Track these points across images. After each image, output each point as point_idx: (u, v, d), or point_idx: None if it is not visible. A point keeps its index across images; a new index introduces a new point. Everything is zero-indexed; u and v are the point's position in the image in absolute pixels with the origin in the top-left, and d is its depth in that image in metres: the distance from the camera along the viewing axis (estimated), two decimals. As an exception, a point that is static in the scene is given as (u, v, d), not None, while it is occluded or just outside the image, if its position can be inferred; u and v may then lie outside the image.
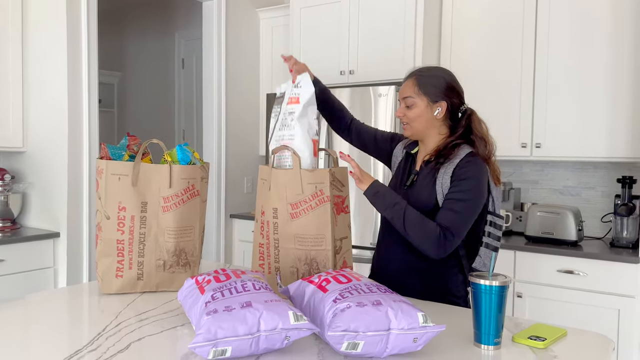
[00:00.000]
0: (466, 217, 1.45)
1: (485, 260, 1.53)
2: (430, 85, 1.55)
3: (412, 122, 1.56)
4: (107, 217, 1.47)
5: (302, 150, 1.49)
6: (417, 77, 1.57)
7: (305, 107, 1.52)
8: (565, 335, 1.22)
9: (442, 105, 1.54)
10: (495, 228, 1.54)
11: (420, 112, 1.55)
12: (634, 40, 2.66)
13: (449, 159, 1.50)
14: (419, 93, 1.55)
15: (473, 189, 1.45)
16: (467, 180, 1.45)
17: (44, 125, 2.93)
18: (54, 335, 1.17)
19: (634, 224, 2.66)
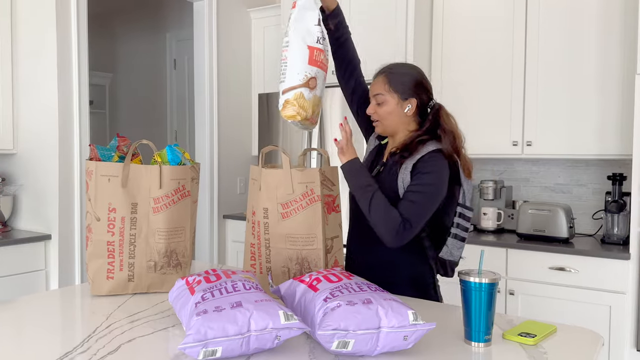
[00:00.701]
0: (424, 209, 1.47)
1: (452, 249, 1.55)
2: (400, 82, 1.56)
3: (383, 120, 1.58)
4: (97, 219, 1.47)
5: (293, 58, 1.41)
6: (387, 74, 1.58)
7: (301, 11, 1.44)
8: (555, 332, 1.23)
9: (412, 102, 1.56)
10: (463, 219, 1.56)
11: (391, 109, 1.56)
12: (623, 38, 2.67)
13: (412, 154, 1.51)
14: (389, 90, 1.56)
15: (432, 183, 1.47)
16: (428, 174, 1.47)
17: (34, 127, 2.91)
18: (44, 337, 1.17)
19: (625, 221, 2.68)
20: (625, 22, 2.66)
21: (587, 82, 2.77)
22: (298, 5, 1.44)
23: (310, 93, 1.44)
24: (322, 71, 1.46)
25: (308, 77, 1.41)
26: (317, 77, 1.43)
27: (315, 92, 1.45)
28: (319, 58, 1.42)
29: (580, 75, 2.79)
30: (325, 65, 1.49)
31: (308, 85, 1.41)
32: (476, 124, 3.01)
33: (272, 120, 3.33)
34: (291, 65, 1.43)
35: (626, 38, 2.66)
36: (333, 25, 1.63)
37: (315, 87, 1.44)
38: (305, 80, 1.41)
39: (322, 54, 1.44)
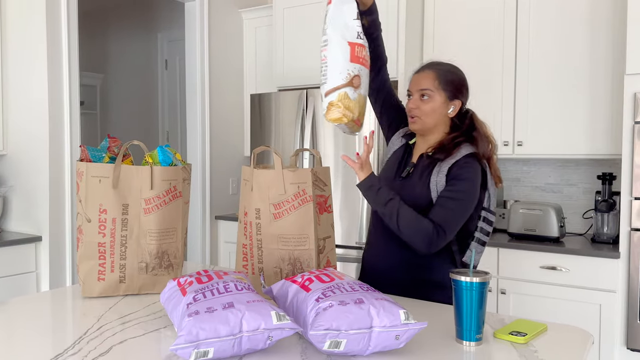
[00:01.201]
0: (458, 216, 1.47)
1: (476, 255, 1.55)
2: (450, 81, 1.53)
3: (425, 116, 1.52)
4: (88, 220, 1.46)
5: (334, 56, 1.32)
6: (437, 70, 1.53)
7: (338, 5, 1.34)
8: (545, 330, 1.24)
9: (456, 104, 1.54)
10: (486, 224, 1.55)
11: (436, 107, 1.52)
12: (612, 39, 2.70)
13: (449, 156, 1.50)
14: (438, 87, 1.51)
15: (467, 190, 1.47)
16: (463, 181, 1.46)
17: (24, 127, 2.89)
18: (35, 339, 1.16)
19: (614, 220, 2.71)
20: (614, 23, 2.69)
21: (576, 82, 2.79)
22: (334, 0, 1.35)
23: (355, 92, 1.34)
24: (365, 68, 1.36)
25: (352, 76, 1.32)
26: (360, 75, 1.33)
27: (360, 90, 1.35)
28: (361, 54, 1.33)
29: (570, 76, 2.81)
30: (367, 62, 1.38)
31: (352, 84, 1.31)
32: (467, 124, 3.02)
33: (264, 121, 3.33)
34: (332, 64, 1.33)
35: (615, 39, 2.68)
36: (368, 21, 1.53)
37: (359, 86, 1.33)
38: (349, 79, 1.31)
39: (364, 49, 1.35)
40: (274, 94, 3.28)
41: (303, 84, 3.37)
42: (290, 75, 3.44)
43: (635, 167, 2.42)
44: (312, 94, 3.12)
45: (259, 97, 3.35)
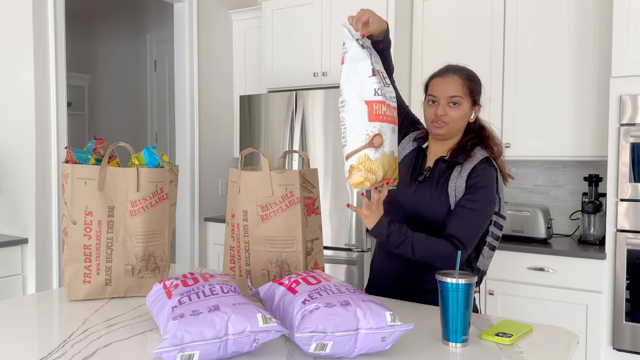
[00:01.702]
0: (478, 228, 1.46)
1: (486, 259, 1.55)
2: (475, 88, 1.52)
3: (453, 122, 1.50)
4: (73, 222, 1.45)
5: (352, 118, 1.27)
6: (462, 76, 1.51)
7: (352, 64, 1.28)
8: (531, 331, 1.25)
9: (477, 110, 1.54)
10: (497, 228, 1.55)
11: (464, 113, 1.50)
12: (598, 42, 2.73)
13: (467, 158, 1.49)
14: (466, 94, 1.50)
15: (486, 200, 1.46)
16: (481, 190, 1.46)
17: (10, 129, 2.86)
18: (19, 343, 1.15)
19: (601, 221, 2.73)
20: (600, 27, 2.71)
21: (563, 85, 2.82)
22: (347, 60, 1.29)
23: (377, 152, 1.26)
24: (388, 124, 1.28)
25: (371, 136, 1.25)
26: (382, 133, 1.26)
27: (383, 149, 1.27)
28: (381, 111, 1.26)
29: (557, 79, 2.83)
30: (390, 117, 1.30)
31: (372, 144, 1.24)
32: (456, 126, 3.04)
33: (253, 122, 3.32)
34: (350, 126, 1.27)
35: (601, 42, 2.71)
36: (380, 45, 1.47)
37: (381, 144, 1.26)
38: (369, 140, 1.25)
39: (384, 105, 1.27)
40: (263, 95, 3.28)
41: (293, 85, 3.37)
42: (279, 77, 3.43)
43: (621, 168, 2.45)
44: (302, 96, 3.12)
45: (248, 99, 3.34)
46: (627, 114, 2.44)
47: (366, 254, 2.95)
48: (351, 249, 2.97)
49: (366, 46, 1.33)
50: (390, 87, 1.35)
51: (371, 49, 1.37)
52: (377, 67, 1.32)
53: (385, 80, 1.35)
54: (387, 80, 1.36)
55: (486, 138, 1.55)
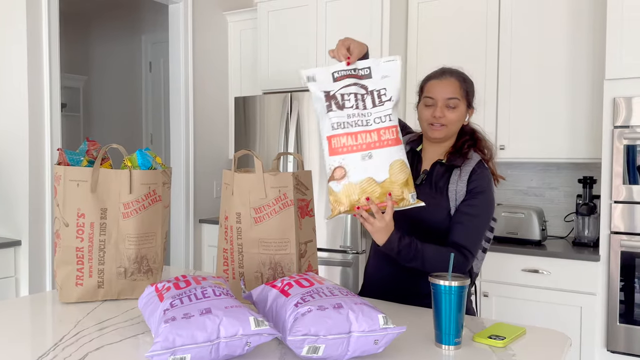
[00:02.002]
0: (481, 233, 1.47)
1: (479, 262, 1.57)
2: (471, 90, 1.53)
3: (451, 125, 1.50)
4: (65, 225, 1.44)
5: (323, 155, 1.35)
6: (458, 78, 1.52)
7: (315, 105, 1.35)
8: (524, 334, 1.25)
9: (471, 112, 1.55)
10: (489, 231, 1.55)
11: (461, 115, 1.51)
12: (592, 44, 2.74)
13: (464, 161, 1.50)
14: (463, 96, 1.51)
15: (486, 204, 1.47)
16: (481, 194, 1.46)
17: (4, 130, 2.85)
18: (10, 345, 1.14)
19: (595, 223, 2.74)
20: (594, 30, 2.72)
21: (558, 87, 2.83)
22: (313, 99, 1.35)
23: (339, 184, 1.31)
24: (350, 155, 1.31)
25: (332, 169, 1.31)
26: (343, 165, 1.30)
27: (348, 179, 1.30)
28: (340, 143, 1.30)
29: (551, 81, 2.84)
30: (353, 147, 1.31)
31: (333, 177, 1.30)
32: (451, 128, 3.04)
33: (248, 124, 3.31)
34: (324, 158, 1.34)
35: (595, 44, 2.72)
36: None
37: (344, 176, 1.30)
38: (330, 173, 1.31)
39: (344, 137, 1.31)
40: (258, 97, 3.27)
41: (288, 87, 3.37)
42: (274, 78, 3.43)
43: (615, 170, 2.45)
44: (297, 97, 3.11)
45: (243, 100, 3.34)
46: (621, 116, 2.45)
47: (361, 256, 2.94)
48: (346, 250, 2.97)
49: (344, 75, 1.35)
50: (383, 104, 1.34)
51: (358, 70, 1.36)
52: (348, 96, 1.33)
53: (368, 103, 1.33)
54: (382, 98, 1.34)
55: (479, 141, 1.56)
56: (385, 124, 1.32)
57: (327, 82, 1.34)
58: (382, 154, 1.31)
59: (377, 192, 1.31)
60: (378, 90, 1.34)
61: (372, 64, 1.35)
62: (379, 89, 1.34)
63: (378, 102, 1.33)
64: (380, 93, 1.34)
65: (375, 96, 1.33)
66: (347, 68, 1.34)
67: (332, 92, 1.33)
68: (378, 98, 1.33)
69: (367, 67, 1.35)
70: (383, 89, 1.34)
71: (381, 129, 1.32)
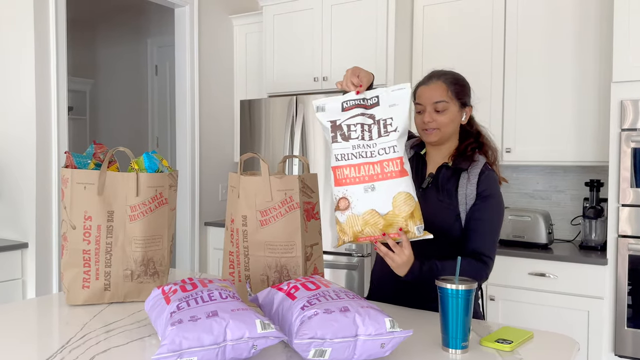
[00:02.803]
0: (496, 236, 1.49)
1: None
2: (460, 89, 1.53)
3: (443, 128, 1.51)
4: (72, 227, 1.45)
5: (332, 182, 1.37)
6: (446, 80, 1.52)
7: (325, 136, 1.39)
8: (531, 338, 1.24)
9: (467, 111, 1.55)
10: None
11: (453, 117, 1.51)
12: (599, 47, 2.72)
13: (470, 164, 1.50)
14: (451, 97, 1.51)
15: (497, 206, 1.49)
16: (491, 197, 1.47)
17: (11, 133, 2.86)
18: (17, 348, 1.14)
19: (602, 227, 2.72)
20: (601, 32, 2.71)
21: (564, 90, 2.82)
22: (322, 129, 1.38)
23: (344, 214, 1.33)
24: (353, 186, 1.32)
25: (337, 200, 1.33)
26: (347, 196, 1.32)
27: (351, 211, 1.32)
28: (343, 175, 1.32)
29: (558, 84, 2.83)
30: (355, 178, 1.32)
31: (338, 207, 1.32)
32: (457, 131, 3.04)
33: (254, 127, 3.32)
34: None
35: (602, 47, 2.71)
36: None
37: (347, 207, 1.32)
38: (336, 204, 1.32)
39: (347, 168, 1.32)
40: (264, 99, 3.28)
41: (293, 90, 3.38)
42: (280, 82, 3.44)
43: (622, 174, 2.44)
44: (302, 101, 3.12)
45: (249, 103, 3.34)
46: (629, 119, 2.44)
47: (366, 259, 2.94)
48: (351, 254, 2.96)
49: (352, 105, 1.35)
50: (388, 135, 1.33)
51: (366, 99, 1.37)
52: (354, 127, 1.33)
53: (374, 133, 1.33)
54: (387, 128, 1.34)
55: (484, 144, 1.56)
56: (389, 156, 1.32)
57: (336, 112, 1.35)
58: (385, 186, 1.31)
59: (380, 224, 1.31)
60: (385, 120, 1.34)
61: (380, 93, 1.36)
62: (385, 118, 1.34)
63: (384, 132, 1.33)
64: (387, 123, 1.34)
65: (382, 126, 1.34)
66: (356, 97, 1.35)
67: (338, 121, 1.34)
68: (384, 128, 1.34)
69: (375, 96, 1.35)
70: (390, 119, 1.34)
71: (385, 161, 1.32)
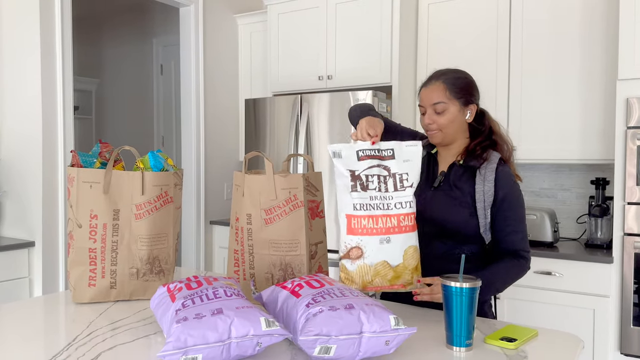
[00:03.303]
0: (526, 226, 1.52)
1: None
2: (460, 88, 1.52)
3: (445, 128, 1.51)
4: (79, 226, 1.46)
5: (339, 227, 1.37)
6: (443, 80, 1.52)
7: (337, 180, 1.38)
8: (536, 336, 1.24)
9: (472, 109, 1.53)
10: None
11: (453, 117, 1.50)
12: (605, 45, 2.71)
13: (482, 161, 1.50)
14: (450, 97, 1.50)
15: (519, 199, 1.51)
16: (511, 193, 1.48)
17: (17, 132, 2.88)
18: (24, 345, 1.15)
19: (608, 225, 2.71)
20: (607, 29, 2.70)
21: (570, 87, 2.80)
22: (335, 173, 1.36)
23: (354, 264, 1.33)
24: (369, 237, 1.33)
25: (348, 248, 1.33)
26: (361, 246, 1.32)
27: (363, 261, 1.33)
28: (360, 225, 1.32)
29: (564, 81, 2.82)
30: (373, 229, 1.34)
31: (349, 256, 1.32)
32: (461, 129, 3.03)
33: (258, 126, 3.33)
34: (340, 233, 1.37)
35: (608, 45, 2.70)
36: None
37: (360, 257, 1.33)
38: (346, 252, 1.33)
39: (365, 219, 1.33)
40: (268, 98, 3.28)
41: (298, 89, 3.38)
42: (285, 81, 3.44)
43: (628, 172, 2.43)
44: (307, 100, 3.12)
45: (253, 102, 3.35)
46: (634, 116, 2.43)
47: (371, 258, 2.93)
48: (356, 252, 2.96)
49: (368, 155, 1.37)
50: (404, 190, 1.35)
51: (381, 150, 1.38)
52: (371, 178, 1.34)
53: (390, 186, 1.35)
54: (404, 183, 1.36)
55: (497, 142, 1.55)
56: (405, 210, 1.35)
57: (352, 161, 1.36)
58: (400, 239, 1.34)
59: (390, 275, 1.34)
60: (400, 175, 1.36)
61: (395, 146, 1.38)
62: (401, 173, 1.37)
63: (400, 186, 1.36)
64: (403, 178, 1.36)
65: (397, 180, 1.36)
66: (371, 148, 1.36)
67: (357, 172, 1.35)
68: (400, 182, 1.36)
69: (390, 149, 1.37)
70: (405, 174, 1.36)
71: (401, 215, 1.35)
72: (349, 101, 2.99)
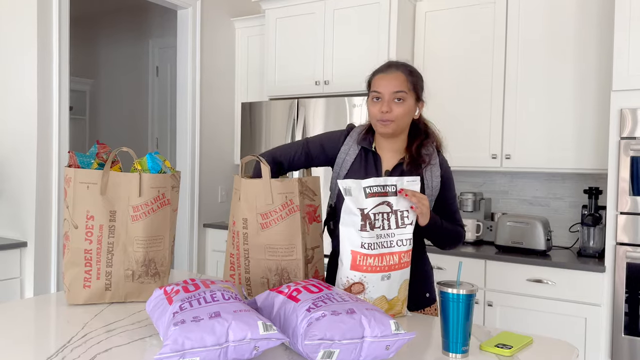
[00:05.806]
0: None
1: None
2: (418, 83, 1.52)
3: (399, 120, 1.48)
4: (75, 226, 1.45)
5: (341, 259, 1.36)
6: (404, 70, 1.51)
7: (345, 216, 1.36)
8: (531, 343, 1.25)
9: (420, 106, 1.55)
10: None
11: (409, 109, 1.50)
12: (599, 56, 2.74)
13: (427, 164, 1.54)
14: (410, 89, 1.49)
15: (453, 181, 1.65)
16: (450, 178, 1.61)
17: (12, 132, 2.86)
18: (17, 347, 1.14)
19: (600, 234, 2.73)
20: (601, 41, 2.73)
21: (564, 97, 2.83)
22: (344, 209, 1.36)
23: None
24: (374, 274, 1.34)
25: (350, 283, 1.33)
26: (364, 282, 1.33)
27: (364, 295, 1.34)
28: (365, 263, 1.33)
29: (558, 91, 2.85)
30: (377, 267, 1.34)
31: (350, 290, 1.33)
32: (457, 137, 3.05)
33: (254, 129, 3.33)
34: (341, 265, 1.36)
35: (602, 56, 2.73)
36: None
37: (361, 292, 1.34)
38: (347, 286, 1.33)
39: (371, 257, 1.33)
40: (265, 102, 3.29)
41: (294, 93, 3.38)
42: (281, 85, 3.45)
43: (621, 182, 2.45)
44: (303, 104, 3.13)
45: (250, 106, 3.35)
46: (627, 127, 2.45)
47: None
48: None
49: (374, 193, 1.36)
50: (405, 227, 1.37)
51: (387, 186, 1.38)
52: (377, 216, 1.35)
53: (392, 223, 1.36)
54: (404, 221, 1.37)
55: (429, 134, 1.58)
56: (405, 248, 1.37)
57: (361, 198, 1.35)
58: (398, 275, 1.37)
59: (385, 308, 1.37)
60: (402, 212, 1.38)
61: (397, 182, 1.39)
62: (402, 210, 1.38)
63: (401, 223, 1.37)
64: (404, 215, 1.38)
65: (399, 217, 1.37)
66: (377, 184, 1.36)
67: (366, 210, 1.35)
68: (401, 220, 1.37)
69: (394, 184, 1.38)
70: (406, 211, 1.38)
71: (402, 252, 1.37)
72: (345, 106, 3.00)
